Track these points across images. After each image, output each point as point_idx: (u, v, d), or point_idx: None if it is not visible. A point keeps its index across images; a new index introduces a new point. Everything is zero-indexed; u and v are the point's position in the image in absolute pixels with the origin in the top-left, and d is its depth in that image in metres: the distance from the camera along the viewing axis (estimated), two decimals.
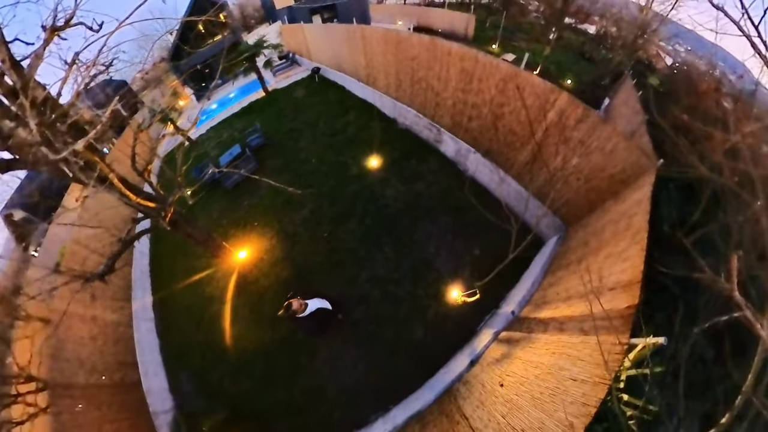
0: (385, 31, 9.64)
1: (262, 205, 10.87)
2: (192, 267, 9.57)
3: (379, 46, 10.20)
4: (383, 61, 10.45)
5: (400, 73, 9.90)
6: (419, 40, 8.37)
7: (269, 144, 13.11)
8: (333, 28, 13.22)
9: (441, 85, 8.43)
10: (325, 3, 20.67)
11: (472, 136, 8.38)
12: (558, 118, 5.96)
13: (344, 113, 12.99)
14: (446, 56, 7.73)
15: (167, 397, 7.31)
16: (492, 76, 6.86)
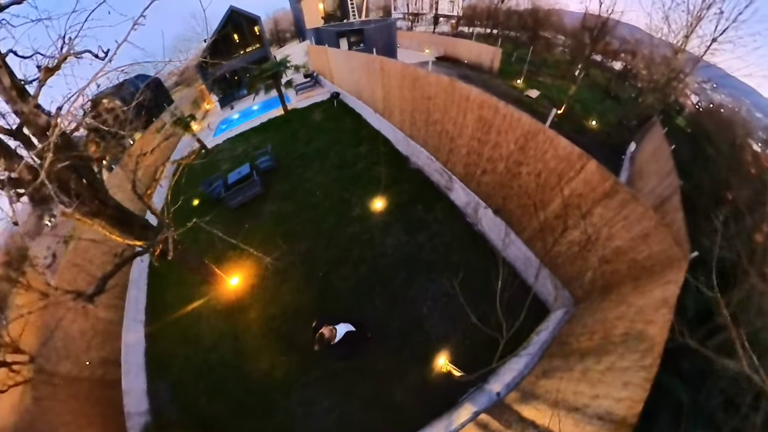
0: (403, 65, 8.95)
1: (261, 231, 10.29)
2: (188, 279, 9.15)
3: (396, 80, 9.51)
4: (399, 96, 9.75)
5: (416, 112, 9.16)
6: (437, 80, 7.61)
7: (278, 168, 12.54)
8: (354, 56, 12.66)
9: (456, 131, 7.62)
10: (352, 27, 20.33)
11: (485, 190, 7.52)
12: (583, 188, 5.04)
13: (357, 144, 12.31)
14: (464, 101, 6.94)
15: (144, 400, 7.28)
16: (512, 130, 6.00)
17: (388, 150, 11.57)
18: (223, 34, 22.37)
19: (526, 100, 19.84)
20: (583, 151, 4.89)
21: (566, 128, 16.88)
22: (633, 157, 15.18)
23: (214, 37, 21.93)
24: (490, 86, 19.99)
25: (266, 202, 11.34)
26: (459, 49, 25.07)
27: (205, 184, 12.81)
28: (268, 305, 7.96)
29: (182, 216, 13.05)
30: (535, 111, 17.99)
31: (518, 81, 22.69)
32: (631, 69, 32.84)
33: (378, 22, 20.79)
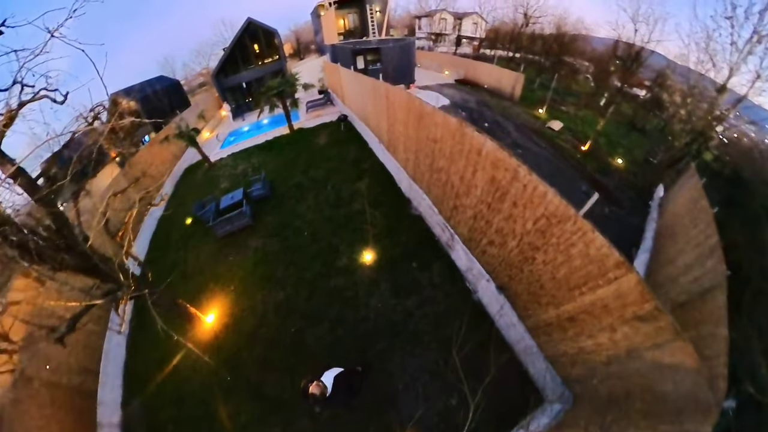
0: (408, 97, 7.63)
1: (243, 268, 9.32)
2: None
3: (402, 113, 8.24)
4: (404, 132, 8.47)
5: (420, 153, 7.84)
6: (444, 121, 6.26)
7: (271, 197, 11.41)
8: (362, 79, 11.45)
9: (462, 187, 6.24)
10: (369, 46, 19.28)
11: (490, 262, 6.10)
12: (612, 301, 3.68)
13: (357, 178, 11.03)
14: (475, 154, 5.56)
15: (117, 412, 7.17)
16: (533, 206, 4.56)
17: (390, 188, 10.28)
18: (240, 45, 21.73)
19: (549, 132, 18.26)
20: (625, 259, 3.47)
21: (591, 167, 15.27)
22: (662, 204, 13.44)
23: (231, 47, 21.29)
24: (510, 114, 18.55)
25: (253, 235, 10.27)
26: (480, 73, 23.73)
27: (198, 206, 11.87)
28: (241, 350, 7.31)
29: (175, 233, 12.22)
30: (558, 146, 16.48)
31: (540, 110, 21.10)
32: (657, 98, 30.80)
33: (396, 41, 19.72)
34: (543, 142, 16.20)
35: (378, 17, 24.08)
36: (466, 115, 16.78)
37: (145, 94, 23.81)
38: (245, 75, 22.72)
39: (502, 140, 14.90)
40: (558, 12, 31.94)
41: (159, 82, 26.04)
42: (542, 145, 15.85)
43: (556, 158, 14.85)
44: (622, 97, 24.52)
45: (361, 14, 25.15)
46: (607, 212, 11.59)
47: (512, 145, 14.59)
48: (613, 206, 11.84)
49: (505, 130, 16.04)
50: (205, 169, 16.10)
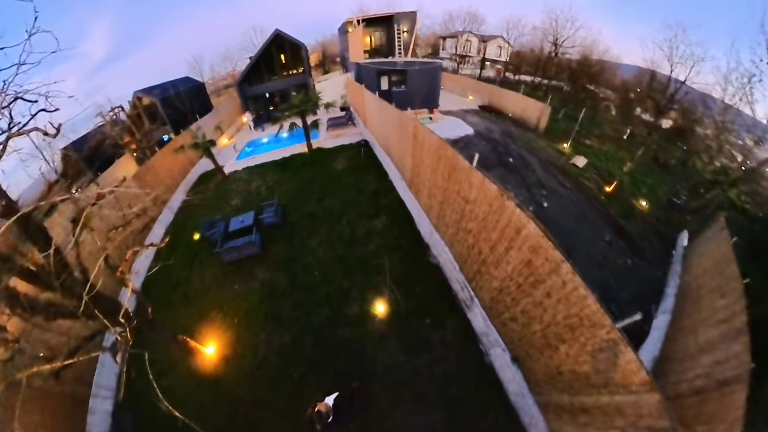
0: (441, 143, 6.84)
1: (248, 301, 8.69)
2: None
3: (430, 158, 7.48)
4: (430, 178, 7.71)
5: (446, 205, 7.06)
6: (482, 184, 5.44)
7: (282, 226, 10.72)
8: (387, 108, 10.74)
9: (492, 258, 5.46)
10: (394, 67, 18.68)
11: (509, 336, 5.50)
12: (631, 406, 3.32)
13: (374, 215, 10.28)
14: (513, 232, 4.76)
15: (107, 422, 7.01)
16: (568, 304, 3.86)
17: (408, 229, 9.51)
18: (266, 55, 21.38)
19: (573, 170, 17.32)
20: (652, 378, 2.70)
21: (615, 211, 14.23)
22: (686, 256, 12.36)
23: (257, 56, 20.95)
24: (535, 149, 17.68)
25: (261, 265, 9.62)
26: (505, 101, 22.95)
27: (206, 225, 11.28)
28: (240, 386, 6.92)
29: (182, 247, 11.47)
30: (582, 186, 15.55)
31: (565, 145, 20.19)
32: (682, 129, 29.46)
33: (423, 64, 19.07)
34: (568, 182, 15.32)
35: (405, 37, 23.55)
36: (489, 147, 15.98)
37: (166, 96, 23.52)
38: (269, 85, 22.34)
39: (527, 178, 14.10)
40: (587, 42, 31.06)
41: (183, 84, 25.79)
42: (567, 185, 14.98)
43: (581, 200, 13.97)
44: (648, 133, 23.38)
45: (388, 33, 24.71)
46: (629, 264, 10.69)
47: (537, 185, 13.77)
48: (635, 257, 10.99)
49: (529, 167, 15.18)
50: (219, 180, 15.57)
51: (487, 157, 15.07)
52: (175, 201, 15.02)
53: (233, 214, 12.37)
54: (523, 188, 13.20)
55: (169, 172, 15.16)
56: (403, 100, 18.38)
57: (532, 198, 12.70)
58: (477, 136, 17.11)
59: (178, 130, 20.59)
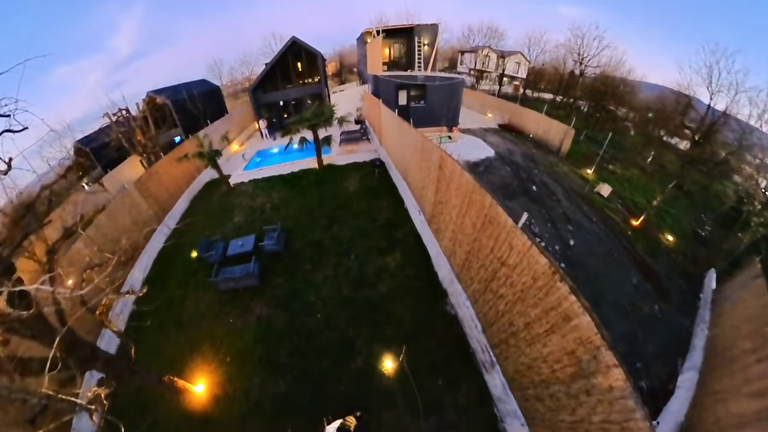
0: (474, 182, 5.67)
1: (243, 339, 7.80)
2: None
3: (459, 199, 6.33)
4: (456, 221, 6.57)
5: (474, 258, 5.92)
6: (528, 254, 4.31)
7: (284, 254, 9.67)
8: (407, 129, 9.60)
9: (526, 335, 4.47)
10: (414, 81, 17.59)
11: (530, 413, 4.71)
12: None
13: (387, 249, 9.17)
14: (560, 318, 3.69)
15: None
16: (610, 408, 3.22)
17: (424, 269, 8.40)
18: (281, 63, 20.54)
19: (598, 199, 15.97)
20: None
21: (642, 247, 12.92)
22: (714, 301, 11.02)
23: (272, 63, 20.11)
24: (558, 175, 16.42)
25: (259, 299, 8.62)
26: (526, 120, 21.73)
27: (204, 245, 10.30)
28: (230, 429, 6.33)
29: (178, 262, 10.72)
30: (608, 219, 14.21)
31: (588, 171, 18.85)
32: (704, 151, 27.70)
33: (444, 79, 17.94)
34: (593, 214, 14.05)
35: (425, 51, 22.50)
36: (511, 172, 14.77)
37: (179, 98, 22.82)
38: (283, 94, 21.50)
39: (552, 210, 12.86)
40: (612, 61, 29.72)
41: (197, 87, 25.12)
42: (593, 218, 13.72)
43: (608, 236, 12.76)
44: (681, 166, 21.91)
45: (408, 46, 23.68)
46: (656, 311, 9.65)
47: (563, 218, 12.53)
48: (662, 302, 9.95)
49: (554, 197, 13.93)
50: (224, 191, 14.63)
51: (509, 183, 13.87)
52: (177, 211, 14.12)
53: (234, 233, 11.44)
54: (549, 223, 12.00)
55: (173, 178, 14.31)
56: (421, 116, 17.31)
57: (558, 234, 11.52)
58: (498, 158, 15.93)
59: (189, 133, 19.89)
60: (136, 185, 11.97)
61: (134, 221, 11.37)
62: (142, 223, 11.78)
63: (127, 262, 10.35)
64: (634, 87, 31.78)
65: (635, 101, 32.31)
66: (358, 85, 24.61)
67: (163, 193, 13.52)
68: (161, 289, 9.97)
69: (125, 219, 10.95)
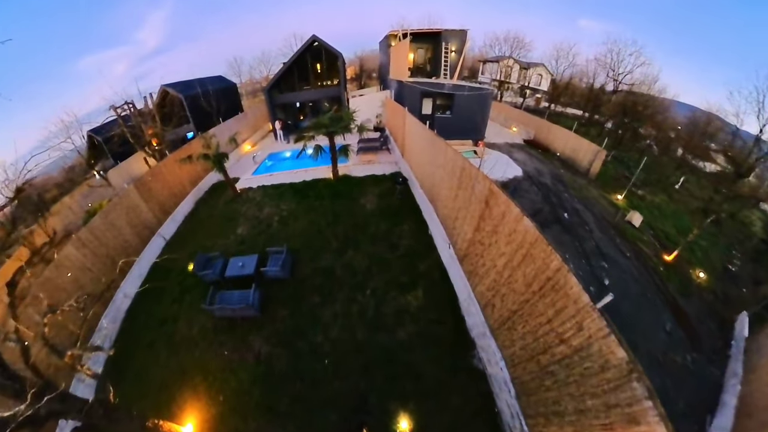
0: (540, 240, 4.41)
1: (238, 377, 6.85)
2: None
3: (508, 245, 5.18)
4: (501, 271, 5.41)
5: (519, 320, 4.80)
6: (604, 344, 3.18)
7: (289, 281, 8.51)
8: (441, 146, 8.36)
9: (575, 422, 3.13)
10: (441, 90, 16.38)
11: None
12: None
13: (408, 286, 7.99)
14: (626, 421, 2.49)
15: None
16: None
17: (450, 313, 7.27)
18: (300, 62, 19.48)
19: (629, 230, 14.54)
20: None
21: (674, 285, 11.63)
22: (747, 350, 9.85)
23: (290, 62, 19.06)
24: (588, 200, 15.08)
25: (259, 332, 7.57)
26: (554, 137, 20.37)
27: (201, 261, 9.31)
28: None
29: (175, 273, 9.88)
30: (640, 252, 12.85)
31: (619, 196, 17.39)
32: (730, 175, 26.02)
33: (472, 89, 16.68)
34: (626, 247, 12.76)
35: (452, 58, 21.23)
36: (541, 196, 13.46)
37: (192, 93, 21.93)
38: (300, 95, 20.47)
39: (585, 242, 11.61)
40: (647, 79, 28.09)
41: (212, 83, 24.20)
42: (627, 252, 12.43)
43: (641, 274, 11.56)
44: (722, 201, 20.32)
45: (434, 52, 22.45)
46: (688, 361, 8.81)
47: (597, 253, 11.32)
48: (694, 351, 9.10)
49: (586, 226, 12.64)
50: (230, 197, 13.58)
51: (540, 208, 12.60)
52: (180, 213, 13.14)
53: (236, 247, 10.40)
54: (583, 259, 10.79)
55: (177, 178, 13.36)
56: (446, 127, 16.09)
57: (593, 272, 10.41)
58: (527, 178, 14.66)
59: (201, 130, 19.08)
60: (137, 185, 11.06)
61: (131, 224, 10.47)
62: (140, 226, 10.89)
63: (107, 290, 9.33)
64: (665, 106, 30.10)
65: (666, 121, 30.68)
66: (378, 91, 23.40)
67: (166, 194, 12.58)
68: (155, 302, 9.17)
69: (122, 222, 10.03)
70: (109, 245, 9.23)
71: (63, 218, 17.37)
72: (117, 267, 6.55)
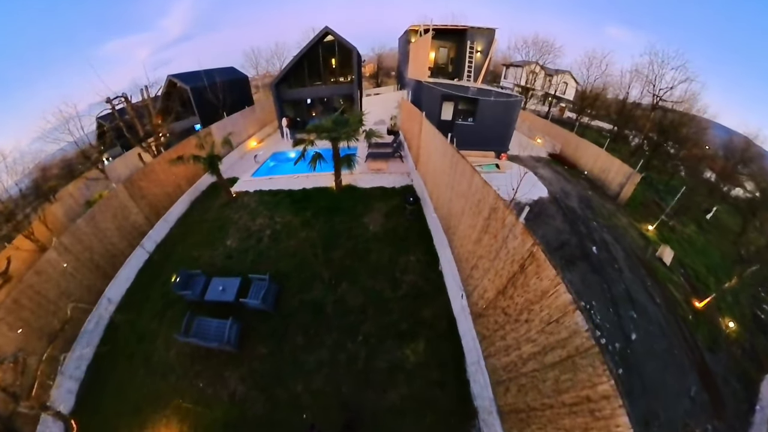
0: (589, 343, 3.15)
1: (212, 414, 6.21)
2: None
3: (542, 333, 3.90)
4: (525, 357, 4.15)
5: (538, 417, 3.41)
6: None
7: (273, 315, 7.40)
8: (462, 167, 6.83)
9: None
10: (465, 93, 14.87)
11: None
12: None
13: (408, 334, 6.78)
14: None
15: None
16: None
17: (453, 375, 6.11)
18: (311, 55, 18.19)
19: (660, 269, 12.90)
20: None
21: (702, 338, 10.31)
22: None
23: (300, 55, 17.78)
24: (617, 230, 13.56)
25: (235, 370, 6.77)
26: (582, 154, 18.69)
27: (182, 279, 8.49)
28: None
29: (158, 283, 9.25)
30: (670, 297, 11.31)
31: (650, 227, 15.67)
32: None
33: (499, 95, 15.07)
34: (656, 292, 11.28)
35: (477, 59, 19.55)
36: (568, 224, 11.98)
37: (198, 84, 20.99)
38: (310, 91, 19.19)
39: (614, 285, 10.28)
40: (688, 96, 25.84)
41: (222, 74, 23.15)
42: (656, 298, 10.99)
43: (669, 324, 10.15)
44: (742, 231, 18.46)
45: (458, 51, 20.78)
46: (710, 430, 7.96)
47: (626, 299, 10.05)
48: (718, 419, 8.25)
49: (615, 264, 11.22)
50: (224, 201, 12.52)
51: (567, 240, 11.19)
52: (173, 214, 12.30)
53: (222, 261, 9.40)
54: (611, 307, 9.44)
55: (173, 177, 12.42)
56: (467, 136, 14.72)
57: (620, 323, 9.11)
58: (552, 201, 13.16)
59: (207, 122, 18.23)
60: (126, 185, 10.20)
61: (119, 227, 9.74)
62: (129, 228, 10.12)
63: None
64: (703, 128, 27.88)
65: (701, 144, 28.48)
66: (395, 90, 21.80)
67: (160, 194, 11.70)
68: (137, 313, 8.57)
69: (108, 224, 9.36)
70: (94, 249, 8.74)
71: (63, 204, 16.80)
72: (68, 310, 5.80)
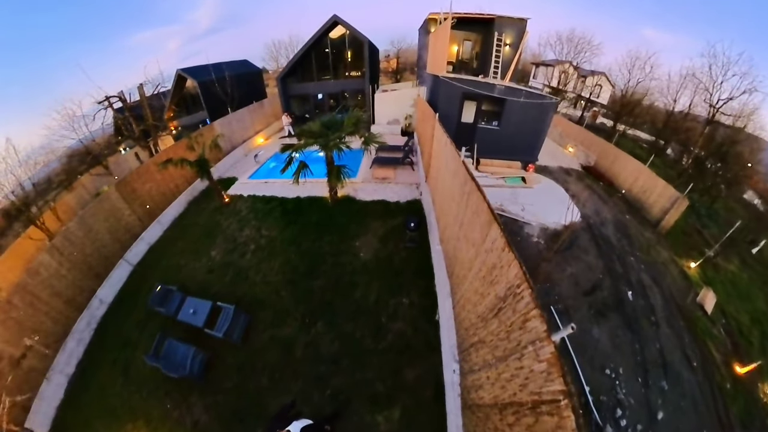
0: None
1: None
2: None
3: None
4: None
5: None
6: None
7: (240, 347, 6.69)
8: (473, 194, 5.12)
9: None
10: (491, 92, 13.06)
11: None
12: None
13: (384, 401, 5.43)
14: None
15: None
16: None
17: None
18: (319, 47, 16.80)
19: (700, 320, 10.76)
20: None
21: (736, 411, 8.20)
22: None
23: (307, 46, 16.43)
24: (656, 265, 11.59)
25: (201, 397, 6.28)
26: (620, 168, 16.51)
27: (160, 294, 7.87)
28: None
29: (144, 290, 8.71)
30: (708, 357, 9.32)
31: (692, 264, 13.33)
32: None
33: (530, 95, 13.08)
34: (694, 352, 9.20)
35: (506, 53, 17.42)
36: (603, 260, 10.18)
37: (206, 79, 20.13)
38: (316, 86, 17.78)
39: (647, 344, 8.63)
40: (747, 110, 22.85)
41: (234, 68, 22.12)
42: (693, 361, 8.89)
43: (703, 396, 8.08)
44: None
45: (483, 44, 18.70)
46: None
47: (658, 362, 8.24)
48: None
49: (651, 314, 9.39)
50: (217, 205, 11.56)
51: (600, 282, 9.45)
52: (168, 215, 11.62)
53: (203, 275, 8.77)
54: (640, 376, 7.68)
55: (169, 177, 11.72)
56: (491, 142, 13.05)
57: (647, 398, 7.30)
58: (586, 228, 11.33)
59: (215, 117, 17.50)
60: (118, 188, 9.75)
61: (111, 230, 9.45)
62: (122, 231, 9.79)
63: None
64: (758, 147, 24.79)
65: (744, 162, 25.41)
66: (414, 86, 20.08)
67: (155, 195, 11.14)
68: (124, 316, 8.36)
69: (100, 227, 9.18)
70: (86, 252, 8.71)
71: (77, 195, 16.67)
72: None
